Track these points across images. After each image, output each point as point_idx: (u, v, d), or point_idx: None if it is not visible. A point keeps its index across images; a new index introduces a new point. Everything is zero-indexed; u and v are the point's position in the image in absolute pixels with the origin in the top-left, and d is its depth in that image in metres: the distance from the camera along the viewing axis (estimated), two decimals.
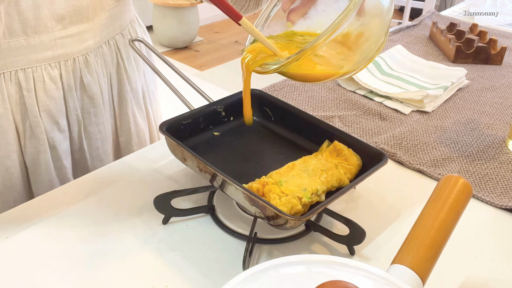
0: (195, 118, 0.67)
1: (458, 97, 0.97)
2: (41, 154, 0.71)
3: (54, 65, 0.68)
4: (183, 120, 0.66)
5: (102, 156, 0.80)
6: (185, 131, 0.66)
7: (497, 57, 1.12)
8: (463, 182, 0.48)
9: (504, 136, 0.83)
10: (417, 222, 0.45)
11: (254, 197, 0.51)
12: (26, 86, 0.67)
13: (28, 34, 0.64)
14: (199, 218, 0.61)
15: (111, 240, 0.57)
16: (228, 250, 0.56)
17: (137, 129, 0.85)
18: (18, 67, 0.65)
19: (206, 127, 0.69)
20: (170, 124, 0.63)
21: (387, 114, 0.89)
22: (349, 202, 0.65)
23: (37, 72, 0.67)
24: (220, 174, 0.54)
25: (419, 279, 0.40)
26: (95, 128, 0.77)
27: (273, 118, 0.72)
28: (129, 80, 0.80)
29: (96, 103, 0.75)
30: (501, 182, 0.71)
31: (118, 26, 0.77)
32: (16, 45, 0.64)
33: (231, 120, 0.72)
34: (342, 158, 0.61)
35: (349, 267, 0.39)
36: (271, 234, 0.58)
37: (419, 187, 0.70)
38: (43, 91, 0.68)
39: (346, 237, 0.56)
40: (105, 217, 0.60)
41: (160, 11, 3.27)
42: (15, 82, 0.66)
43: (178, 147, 0.59)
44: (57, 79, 0.69)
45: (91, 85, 0.73)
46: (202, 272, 0.53)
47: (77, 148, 0.77)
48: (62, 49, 0.68)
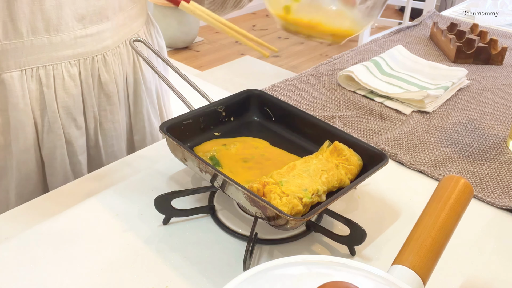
0: (196, 118, 0.67)
1: (459, 97, 0.97)
2: (58, 149, 0.73)
3: (73, 63, 0.70)
4: (183, 121, 0.66)
5: (117, 153, 0.82)
6: (186, 132, 0.66)
7: (497, 57, 1.12)
8: (464, 183, 0.48)
9: (505, 136, 0.83)
10: (418, 222, 0.45)
11: (254, 198, 0.51)
12: (46, 83, 0.68)
13: (50, 32, 0.66)
14: (199, 218, 0.61)
15: (112, 240, 0.57)
16: (228, 251, 0.56)
17: (151, 128, 0.86)
18: (39, 64, 0.67)
19: (206, 128, 0.69)
20: (170, 125, 0.63)
21: (388, 114, 0.89)
22: (350, 203, 0.65)
23: (57, 70, 0.69)
24: (221, 175, 0.54)
25: (420, 280, 0.40)
26: (110, 126, 0.79)
27: (274, 118, 0.72)
28: (144, 80, 0.82)
29: (113, 101, 0.77)
30: (502, 182, 0.71)
31: (134, 27, 0.80)
32: (39, 43, 0.66)
33: (232, 120, 0.72)
34: (343, 158, 0.61)
35: (350, 268, 0.39)
36: (271, 234, 0.58)
37: (420, 188, 0.70)
38: (62, 88, 0.70)
39: (347, 237, 0.56)
40: (105, 217, 0.60)
41: (160, 11, 3.27)
42: (36, 79, 0.68)
43: (179, 148, 0.59)
44: (76, 76, 0.71)
45: (108, 83, 0.75)
46: (203, 273, 0.53)
47: (92, 145, 0.78)
48: (82, 47, 0.70)
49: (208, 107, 0.69)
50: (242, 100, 0.72)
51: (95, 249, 0.56)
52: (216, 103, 0.70)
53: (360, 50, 1.18)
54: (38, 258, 0.54)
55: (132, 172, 0.69)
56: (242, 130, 0.71)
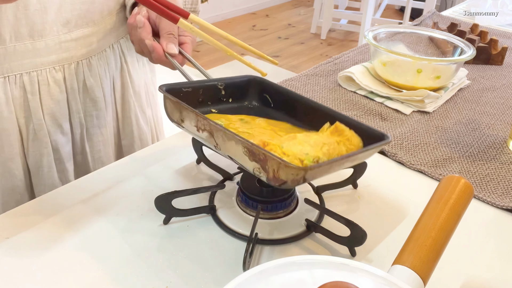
0: (196, 89, 0.65)
1: (459, 97, 0.97)
2: (44, 156, 0.71)
3: (58, 68, 0.68)
4: (183, 87, 0.64)
5: (104, 159, 0.80)
6: (183, 100, 0.62)
7: (498, 57, 1.12)
8: (464, 183, 0.48)
9: (505, 137, 0.83)
10: (418, 222, 0.45)
11: (256, 148, 0.48)
12: (30, 90, 0.67)
13: (34, 37, 0.64)
14: (200, 218, 0.61)
15: (112, 240, 0.57)
16: (228, 251, 0.56)
17: (139, 132, 0.85)
18: (23, 70, 0.65)
19: (204, 102, 0.67)
20: (170, 87, 0.61)
21: (388, 114, 0.89)
22: (350, 203, 0.65)
23: (41, 76, 0.67)
24: (220, 127, 0.51)
25: (420, 280, 0.40)
26: (97, 131, 0.77)
27: (273, 105, 0.71)
28: (132, 84, 0.81)
29: (99, 106, 0.76)
30: (502, 182, 0.71)
31: (123, 30, 0.77)
32: (22, 49, 0.64)
33: (230, 101, 0.70)
34: (344, 138, 0.59)
35: (350, 268, 0.39)
36: (272, 234, 0.58)
37: (420, 188, 0.70)
38: (48, 94, 0.68)
39: (347, 238, 0.55)
40: (105, 217, 0.60)
41: None
42: (19, 86, 0.66)
43: (177, 106, 0.57)
44: (61, 82, 0.69)
45: (94, 88, 0.74)
46: (203, 273, 0.53)
47: (79, 151, 0.77)
48: (66, 52, 0.68)
49: (209, 81, 0.67)
50: (243, 83, 0.71)
51: (95, 249, 0.56)
52: (218, 80, 0.68)
53: (360, 50, 1.18)
54: (38, 258, 0.54)
55: (133, 172, 0.69)
56: (240, 112, 0.69)
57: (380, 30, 1.04)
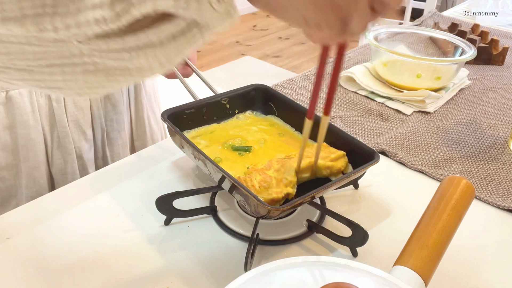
0: (198, 108, 0.68)
1: (460, 97, 0.97)
2: (68, 164, 0.73)
3: None
4: (186, 110, 0.67)
5: None
6: (188, 121, 0.67)
7: (498, 58, 1.12)
8: (466, 183, 0.47)
9: (506, 137, 0.83)
10: (420, 223, 0.45)
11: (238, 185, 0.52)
12: (55, 98, 0.68)
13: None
14: (201, 219, 0.61)
15: (113, 240, 0.57)
16: (230, 252, 0.56)
17: (151, 133, 0.87)
18: None
19: (209, 118, 0.70)
20: (172, 112, 0.64)
21: (389, 114, 0.89)
22: (351, 204, 0.65)
23: None
24: (211, 163, 0.55)
25: (422, 281, 0.40)
26: (116, 135, 0.79)
27: (277, 114, 0.73)
28: (144, 85, 0.82)
29: (119, 109, 0.78)
30: (504, 182, 0.71)
31: None
32: None
33: (236, 113, 0.72)
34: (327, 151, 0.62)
35: (352, 269, 0.39)
36: (273, 235, 0.58)
37: (421, 188, 0.70)
38: (72, 101, 0.70)
39: (349, 238, 0.55)
40: (106, 217, 0.60)
41: None
42: (45, 94, 0.68)
43: (177, 135, 0.61)
44: None
45: (114, 92, 0.75)
46: (204, 274, 0.53)
47: (100, 156, 0.79)
48: None
49: (212, 98, 0.70)
50: (247, 93, 0.73)
51: (96, 249, 0.56)
52: (221, 95, 0.71)
53: (361, 51, 1.18)
54: (38, 258, 0.54)
55: (133, 172, 0.69)
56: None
57: (381, 30, 1.04)
